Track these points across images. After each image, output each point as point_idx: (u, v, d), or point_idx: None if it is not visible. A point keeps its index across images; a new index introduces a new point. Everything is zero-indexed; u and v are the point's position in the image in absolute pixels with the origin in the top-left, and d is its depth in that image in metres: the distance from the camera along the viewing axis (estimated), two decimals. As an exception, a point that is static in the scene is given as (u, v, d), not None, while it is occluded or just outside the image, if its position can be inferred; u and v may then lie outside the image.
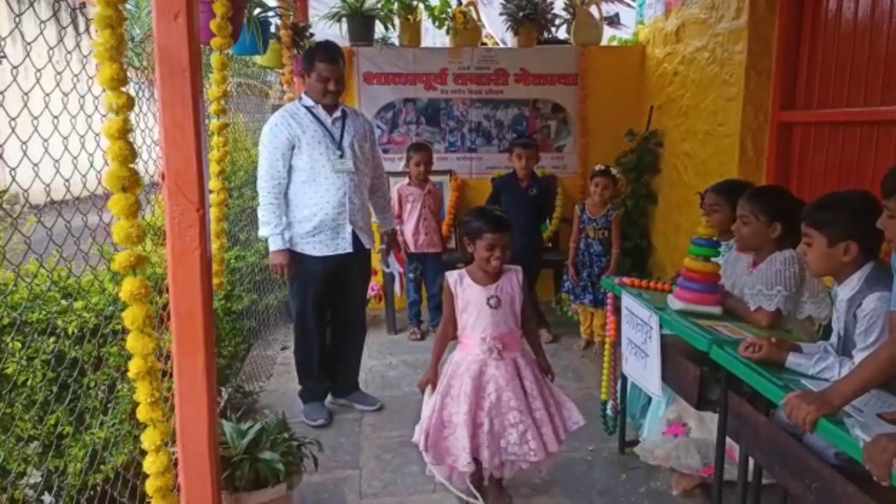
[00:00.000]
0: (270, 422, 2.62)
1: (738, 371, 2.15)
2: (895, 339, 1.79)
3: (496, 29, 6.45)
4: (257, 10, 3.49)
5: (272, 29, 3.91)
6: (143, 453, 1.86)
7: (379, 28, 5.47)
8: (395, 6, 5.38)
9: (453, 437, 2.65)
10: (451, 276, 2.77)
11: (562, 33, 5.83)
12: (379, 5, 5.34)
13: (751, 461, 2.26)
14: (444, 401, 2.70)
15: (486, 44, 5.90)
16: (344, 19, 5.35)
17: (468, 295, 2.72)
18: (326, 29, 5.28)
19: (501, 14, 5.56)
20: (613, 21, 5.81)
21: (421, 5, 5.44)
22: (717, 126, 4.24)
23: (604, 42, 5.80)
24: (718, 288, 2.67)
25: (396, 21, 5.47)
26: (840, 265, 2.08)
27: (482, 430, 2.63)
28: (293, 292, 3.58)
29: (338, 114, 3.47)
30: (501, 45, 6.14)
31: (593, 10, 5.57)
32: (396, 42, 5.58)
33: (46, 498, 2.21)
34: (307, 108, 3.44)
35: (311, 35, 4.63)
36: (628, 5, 6.19)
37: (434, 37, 6.23)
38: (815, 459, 1.84)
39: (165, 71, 1.77)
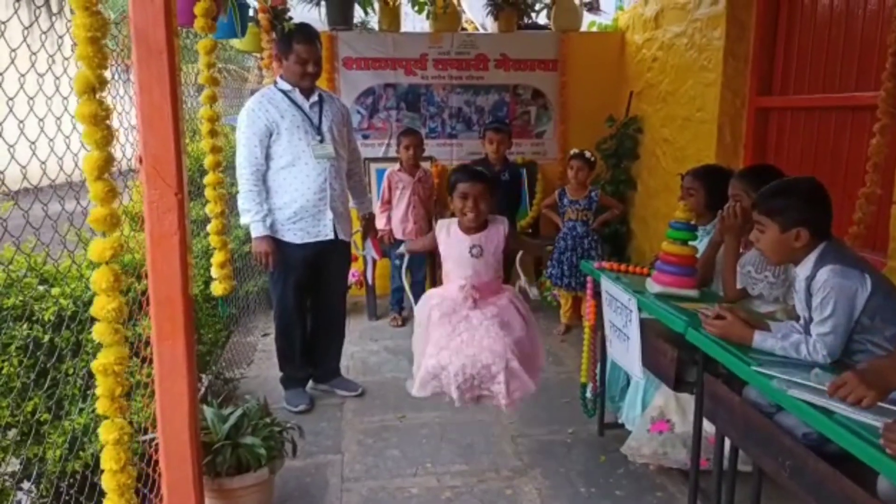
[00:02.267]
0: (252, 407, 2.61)
1: (712, 352, 2.18)
2: None
3: (476, 14, 6.43)
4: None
5: (250, 12, 3.86)
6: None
7: (358, 12, 5.42)
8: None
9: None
10: (442, 225, 2.91)
11: (542, 19, 5.83)
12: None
13: (727, 446, 2.30)
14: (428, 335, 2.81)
15: (465, 29, 5.88)
16: (323, 3, 5.29)
17: (452, 241, 2.86)
18: (305, 13, 5.23)
19: (482, -2, 5.56)
20: (593, 7, 5.82)
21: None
22: (696, 112, 4.27)
23: (583, 28, 5.81)
24: (695, 271, 2.70)
25: (376, 5, 5.42)
26: (791, 251, 2.13)
27: (452, 367, 2.64)
28: (274, 279, 3.55)
29: (315, 98, 3.44)
30: (481, 31, 6.12)
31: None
32: (376, 27, 5.54)
33: (25, 485, 2.20)
34: (284, 92, 3.40)
35: (290, 18, 4.58)
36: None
37: (414, 21, 6.19)
38: (789, 438, 1.88)
39: (142, 52, 1.74)
